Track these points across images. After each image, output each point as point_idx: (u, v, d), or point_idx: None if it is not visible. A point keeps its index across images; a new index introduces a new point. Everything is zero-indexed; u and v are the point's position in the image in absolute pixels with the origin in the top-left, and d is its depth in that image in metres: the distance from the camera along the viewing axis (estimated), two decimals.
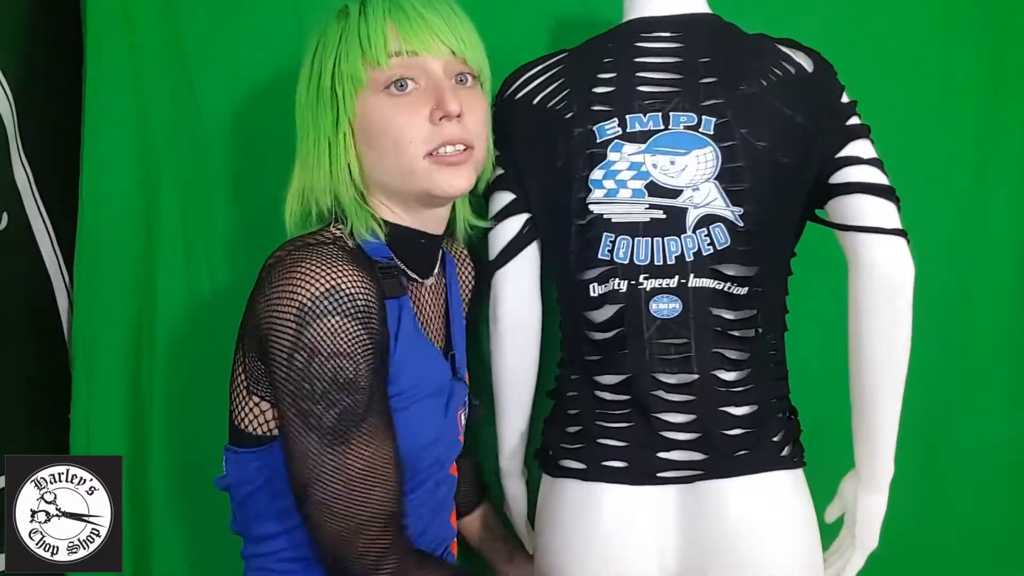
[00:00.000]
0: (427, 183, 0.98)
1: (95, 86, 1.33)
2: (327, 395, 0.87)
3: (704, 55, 1.08)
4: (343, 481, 0.88)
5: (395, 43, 0.95)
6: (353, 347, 0.88)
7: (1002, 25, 1.36)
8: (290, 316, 0.87)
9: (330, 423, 0.88)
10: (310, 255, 0.90)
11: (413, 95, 0.96)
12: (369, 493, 0.89)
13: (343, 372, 0.87)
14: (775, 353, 1.12)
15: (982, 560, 1.42)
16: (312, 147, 1.00)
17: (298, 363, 0.87)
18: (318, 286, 0.87)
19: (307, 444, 0.89)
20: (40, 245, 1.33)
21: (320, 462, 0.88)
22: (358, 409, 0.88)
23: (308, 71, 1.01)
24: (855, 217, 1.03)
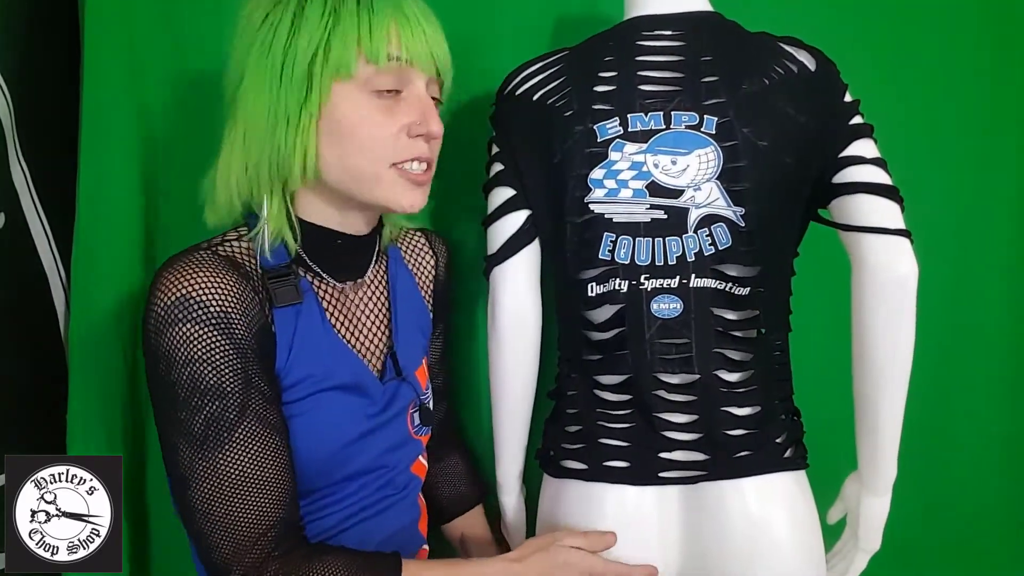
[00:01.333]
0: (388, 194, 0.98)
1: (93, 86, 1.33)
2: (189, 401, 0.87)
3: (706, 54, 1.08)
4: (216, 487, 0.87)
5: (396, 47, 0.93)
6: (210, 353, 0.87)
7: (1002, 25, 1.37)
8: (150, 326, 0.88)
9: (198, 430, 0.87)
10: (173, 264, 0.90)
11: (394, 101, 0.96)
12: (249, 499, 0.88)
13: (203, 379, 0.87)
14: (779, 354, 1.12)
15: (983, 561, 1.43)
16: (265, 119, 0.94)
17: (160, 371, 0.88)
18: (171, 295, 0.87)
19: (178, 449, 0.88)
20: (37, 245, 1.33)
21: (191, 467, 0.88)
22: (228, 414, 0.87)
23: (270, 44, 0.93)
24: (858, 217, 1.03)
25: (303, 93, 0.92)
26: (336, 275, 1.05)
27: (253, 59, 0.94)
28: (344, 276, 1.06)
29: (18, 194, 1.27)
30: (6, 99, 1.23)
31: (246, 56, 0.95)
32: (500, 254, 1.14)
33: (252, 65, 0.94)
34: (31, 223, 1.31)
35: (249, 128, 0.95)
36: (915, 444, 1.14)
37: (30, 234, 1.31)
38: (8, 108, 1.23)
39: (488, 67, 1.25)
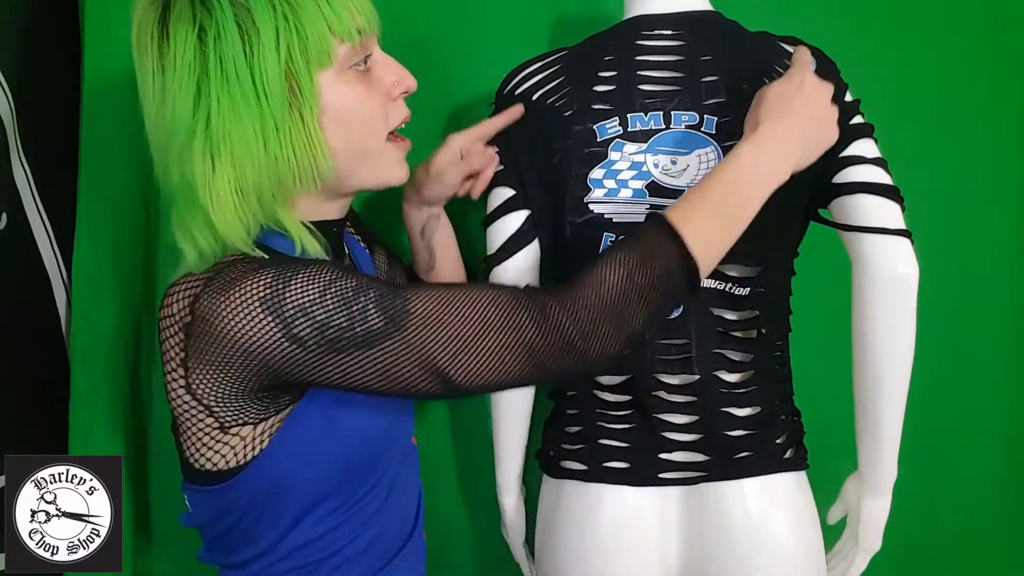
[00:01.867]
0: (387, 170, 0.96)
1: (94, 86, 1.33)
2: (352, 312, 0.81)
3: (706, 53, 1.08)
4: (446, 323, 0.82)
5: (357, 19, 0.89)
6: (331, 272, 0.83)
7: (1002, 25, 1.36)
8: (258, 315, 0.80)
9: (380, 322, 0.81)
10: (231, 276, 0.83)
11: (369, 72, 0.93)
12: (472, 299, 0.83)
13: (345, 288, 0.82)
14: (779, 354, 1.12)
15: (983, 561, 1.43)
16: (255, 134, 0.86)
17: (304, 330, 0.81)
18: (263, 277, 0.81)
19: (393, 351, 0.82)
20: (39, 245, 1.33)
21: (413, 343, 0.81)
22: (384, 290, 0.83)
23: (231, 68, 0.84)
24: (859, 217, 1.02)
25: (285, 98, 0.86)
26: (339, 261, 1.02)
27: (214, 82, 0.84)
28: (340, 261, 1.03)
29: (20, 194, 1.28)
30: (7, 99, 1.24)
31: (195, 83, 0.84)
32: (500, 254, 1.14)
33: (215, 88, 0.84)
34: (33, 223, 1.31)
35: (236, 154, 0.86)
36: (916, 444, 1.14)
37: (32, 234, 1.31)
38: (10, 108, 1.24)
39: (488, 67, 1.25)
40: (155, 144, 0.89)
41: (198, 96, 0.84)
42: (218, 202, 0.86)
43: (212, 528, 0.95)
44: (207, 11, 0.83)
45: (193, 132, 0.85)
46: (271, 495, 0.91)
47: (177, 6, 0.84)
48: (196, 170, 0.86)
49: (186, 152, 0.86)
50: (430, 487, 1.15)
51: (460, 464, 1.46)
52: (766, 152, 0.91)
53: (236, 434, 0.88)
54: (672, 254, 0.84)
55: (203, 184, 0.86)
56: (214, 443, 0.89)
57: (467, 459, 1.45)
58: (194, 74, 0.84)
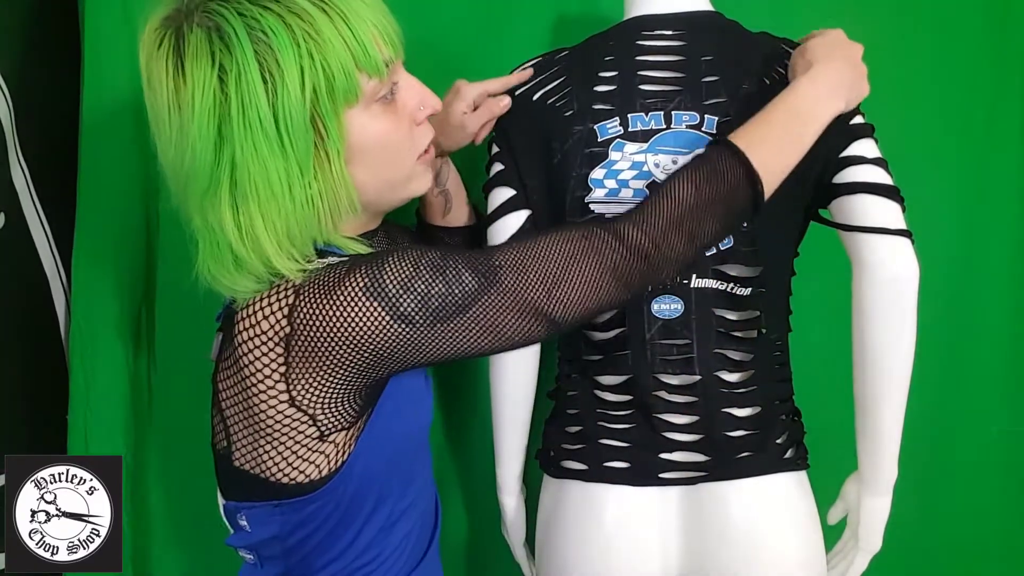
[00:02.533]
0: (413, 186, 0.96)
1: (93, 87, 1.33)
2: (448, 277, 0.82)
3: (706, 53, 1.08)
4: (541, 264, 0.84)
5: (384, 49, 0.86)
6: (415, 249, 0.83)
7: (1002, 25, 1.37)
8: (363, 302, 0.80)
9: (475, 280, 0.83)
10: (322, 278, 0.82)
11: (395, 100, 0.90)
12: (546, 241, 0.86)
13: (431, 258, 0.82)
14: (779, 354, 1.12)
15: (983, 561, 1.43)
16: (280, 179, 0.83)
17: (408, 306, 0.81)
18: (359, 272, 0.81)
19: (494, 302, 0.83)
20: (38, 246, 1.33)
21: (515, 290, 0.83)
22: (468, 254, 0.85)
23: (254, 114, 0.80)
24: (859, 217, 1.02)
25: (312, 140, 0.83)
26: None
27: (236, 128, 0.80)
28: None
29: (18, 194, 1.28)
30: (6, 99, 1.24)
31: (215, 128, 0.81)
32: None
33: (238, 135, 0.80)
34: (31, 223, 1.31)
35: (264, 204, 0.83)
36: (916, 444, 1.14)
37: (30, 234, 1.31)
38: (8, 108, 1.23)
39: (488, 67, 1.25)
40: (173, 180, 0.87)
41: (220, 142, 0.81)
42: (257, 247, 0.84)
43: (283, 543, 0.93)
44: (226, 48, 0.79)
45: (218, 180, 0.82)
46: (352, 500, 0.91)
47: (193, 40, 0.80)
48: (225, 219, 0.83)
49: (210, 200, 0.83)
50: None
51: (460, 464, 1.46)
52: (820, 87, 0.96)
53: (332, 441, 0.88)
54: (738, 172, 0.89)
55: (234, 232, 0.83)
56: (310, 453, 0.88)
57: (467, 459, 1.45)
58: (215, 118, 0.80)
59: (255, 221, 0.83)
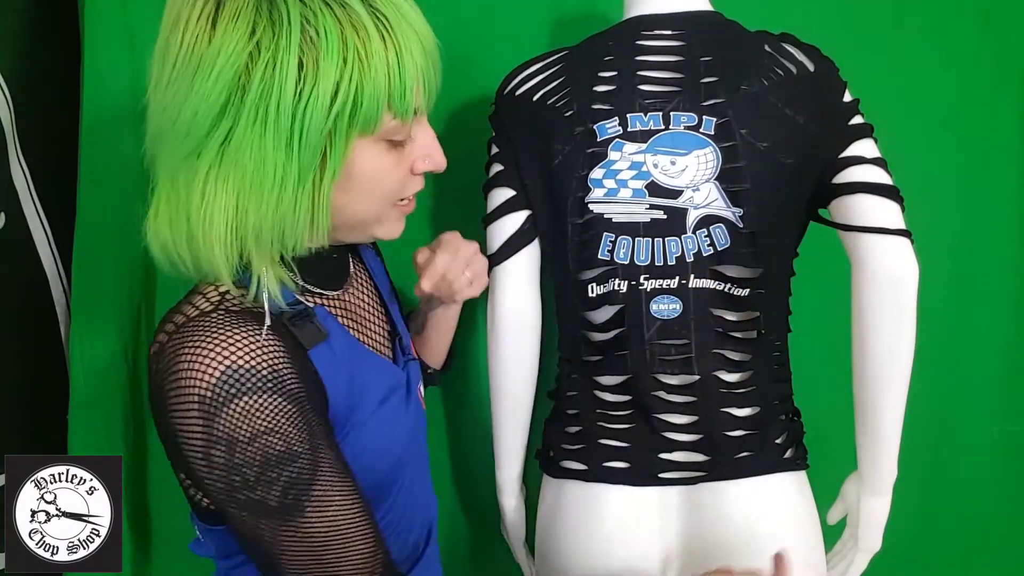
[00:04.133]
0: (381, 229, 0.92)
1: (93, 86, 1.33)
2: (262, 478, 0.77)
3: (705, 54, 1.08)
4: (309, 550, 0.80)
5: (419, 99, 0.83)
6: (274, 420, 0.76)
7: (1002, 25, 1.37)
8: (193, 413, 0.75)
9: (275, 502, 0.78)
10: (192, 335, 0.77)
11: (405, 146, 0.86)
12: (345, 548, 0.81)
13: (272, 448, 0.76)
14: (778, 355, 1.12)
15: (983, 561, 1.43)
16: (266, 186, 0.78)
17: (219, 457, 0.76)
18: (213, 371, 0.75)
19: (260, 532, 0.79)
20: (38, 246, 1.33)
21: (277, 541, 0.79)
22: (303, 476, 0.78)
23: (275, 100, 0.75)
24: (858, 217, 1.02)
25: (318, 154, 0.79)
26: (335, 285, 0.96)
27: (248, 109, 0.75)
28: (339, 282, 0.98)
29: (18, 194, 1.28)
30: (6, 99, 1.24)
31: (224, 100, 0.75)
32: (500, 254, 1.14)
33: (247, 116, 0.76)
34: (31, 223, 1.31)
35: (244, 192, 0.78)
36: (915, 444, 1.14)
37: (30, 234, 1.31)
38: (8, 108, 1.23)
39: (488, 67, 1.25)
40: (158, 127, 0.79)
41: (222, 113, 0.75)
42: (209, 229, 0.79)
43: (227, 561, 0.93)
44: (271, 25, 0.74)
45: (203, 148, 0.77)
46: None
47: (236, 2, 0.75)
48: (194, 187, 0.78)
49: (189, 163, 0.77)
50: None
51: (460, 464, 1.47)
52: None
53: None
54: None
55: (198, 204, 0.78)
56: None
57: (467, 459, 1.45)
58: (228, 90, 0.75)
59: (227, 201, 0.78)
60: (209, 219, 0.78)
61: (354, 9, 0.76)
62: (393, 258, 1.19)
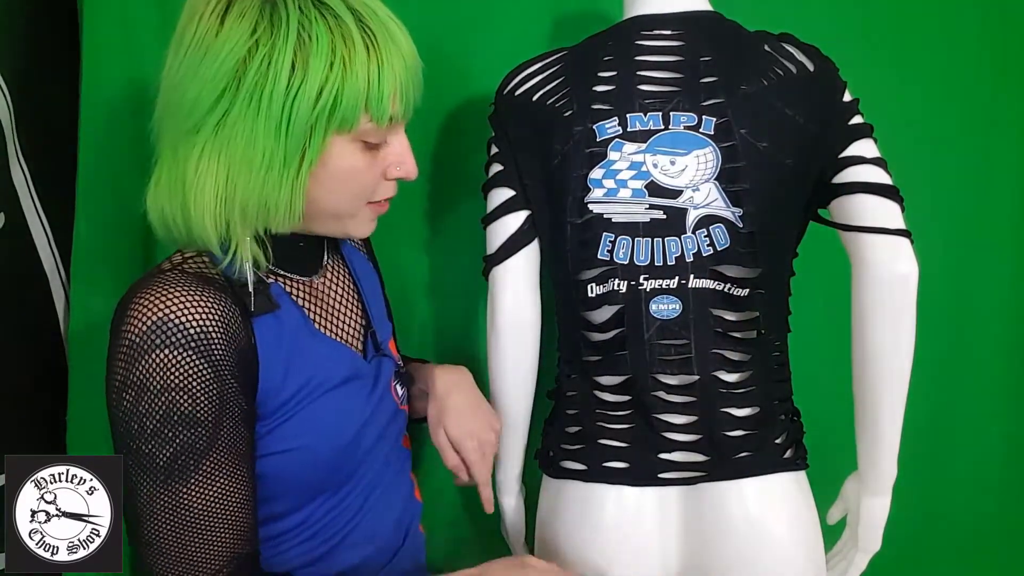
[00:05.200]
0: (353, 227, 0.97)
1: (92, 85, 1.33)
2: (159, 433, 0.81)
3: (705, 54, 1.08)
4: (176, 522, 0.83)
5: (397, 106, 0.90)
6: (187, 379, 0.82)
7: (1003, 25, 1.37)
8: (121, 355, 0.82)
9: (163, 462, 0.82)
10: (142, 290, 0.84)
11: (380, 151, 0.93)
12: (210, 534, 0.84)
13: (177, 407, 0.81)
14: (778, 355, 1.12)
15: (983, 561, 1.43)
16: (260, 161, 0.87)
17: (126, 402, 0.82)
18: (145, 320, 0.81)
19: (137, 482, 0.83)
20: (37, 245, 1.33)
21: (150, 501, 0.83)
22: (198, 444, 0.82)
23: (269, 89, 0.84)
24: (858, 217, 1.03)
25: (302, 144, 0.87)
26: (302, 271, 1.01)
27: (243, 94, 0.84)
28: (309, 269, 1.02)
29: (18, 194, 1.28)
30: (6, 99, 1.23)
31: (223, 85, 0.84)
32: (499, 254, 1.14)
33: (242, 101, 0.84)
34: (31, 223, 1.31)
35: (234, 167, 0.87)
36: (915, 444, 1.14)
37: (30, 234, 1.31)
38: (8, 108, 1.23)
39: (487, 67, 1.25)
40: (166, 103, 0.89)
41: (221, 96, 0.84)
42: (200, 197, 0.87)
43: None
44: (270, 27, 0.84)
45: (202, 124, 0.85)
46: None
47: (247, 1, 0.85)
48: (191, 158, 0.86)
49: (189, 137, 0.86)
50: (431, 488, 1.14)
51: None
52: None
53: None
54: None
55: (192, 175, 0.86)
56: None
57: None
58: (227, 76, 0.84)
59: (218, 174, 0.86)
60: (201, 188, 0.87)
61: (345, 22, 0.85)
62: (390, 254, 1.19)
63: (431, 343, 1.43)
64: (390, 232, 1.28)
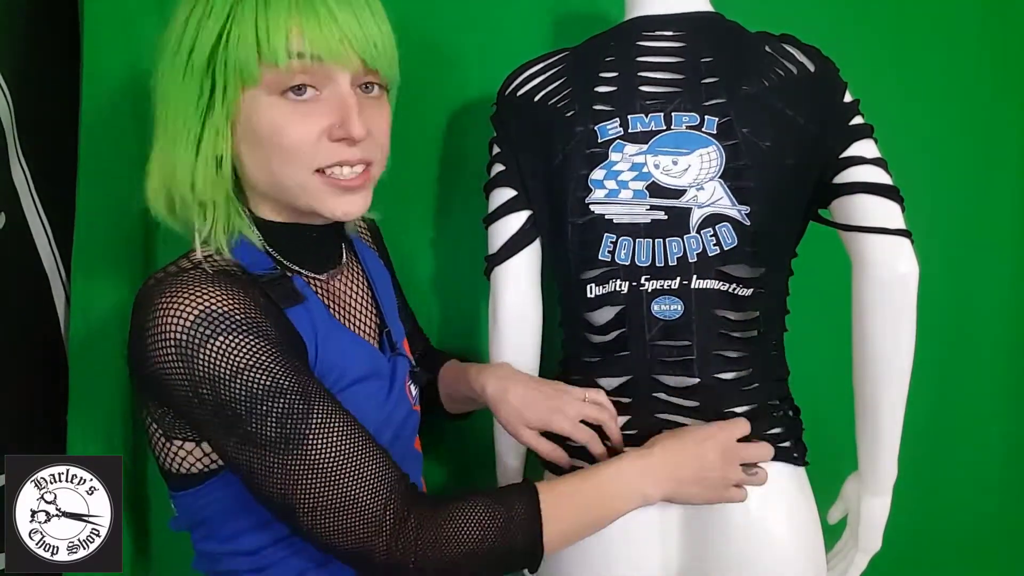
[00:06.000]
0: (316, 203, 0.92)
1: (92, 85, 1.33)
2: (254, 412, 0.81)
3: (706, 54, 1.08)
4: (318, 482, 0.82)
5: (298, 43, 0.84)
6: (253, 357, 0.81)
7: (1002, 25, 1.37)
8: (172, 355, 0.81)
9: (274, 435, 0.81)
10: (168, 287, 0.83)
11: (312, 103, 0.87)
12: (354, 478, 0.82)
13: (257, 384, 0.81)
14: (776, 353, 1.12)
15: (983, 561, 1.43)
16: (181, 126, 0.88)
17: (208, 396, 0.81)
18: (188, 315, 0.80)
19: (266, 462, 0.82)
20: (38, 245, 1.33)
21: (285, 476, 0.82)
22: (296, 408, 0.82)
23: (180, 33, 0.86)
24: (859, 217, 1.02)
25: (206, 99, 0.86)
26: (318, 268, 1.00)
27: (164, 47, 0.88)
28: (325, 267, 1.02)
29: (18, 194, 1.27)
30: (6, 99, 1.23)
31: (161, 53, 0.88)
32: (501, 254, 1.14)
33: (163, 54, 0.88)
34: (31, 223, 1.31)
35: (167, 135, 0.89)
36: (915, 444, 1.14)
37: (30, 234, 1.31)
38: (8, 108, 1.23)
39: (489, 67, 1.25)
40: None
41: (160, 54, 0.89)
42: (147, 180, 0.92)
43: (197, 531, 0.97)
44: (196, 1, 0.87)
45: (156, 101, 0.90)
46: (241, 504, 0.91)
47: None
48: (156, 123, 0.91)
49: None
50: (431, 487, 1.14)
51: (460, 464, 1.46)
52: (646, 469, 0.96)
53: (181, 447, 0.90)
54: (527, 540, 0.88)
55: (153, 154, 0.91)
56: (164, 449, 0.91)
57: (468, 459, 1.45)
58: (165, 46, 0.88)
59: (157, 147, 0.91)
60: (152, 163, 0.92)
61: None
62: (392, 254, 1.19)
63: (433, 343, 1.43)
64: (391, 232, 1.29)
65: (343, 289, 1.04)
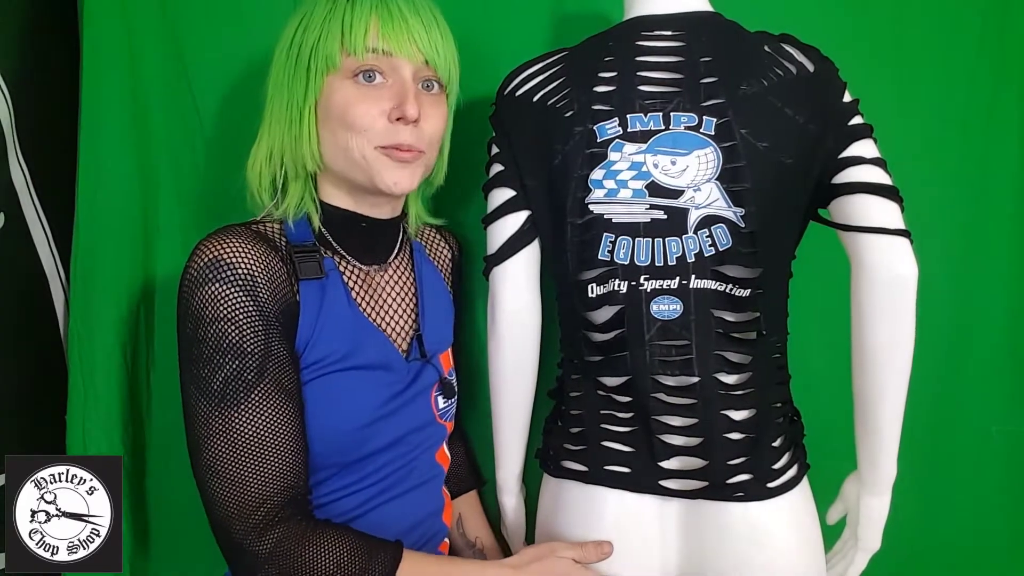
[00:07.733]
0: (373, 173, 1.02)
1: (92, 86, 1.33)
2: (212, 359, 0.91)
3: (705, 54, 1.08)
4: (228, 447, 0.90)
5: (374, 39, 1.00)
6: (234, 312, 0.92)
7: (1002, 25, 1.36)
8: (185, 287, 0.94)
9: (217, 387, 0.91)
10: (210, 235, 0.97)
11: (378, 88, 1.01)
12: (259, 462, 0.91)
13: (226, 336, 0.92)
14: (777, 356, 1.12)
15: (984, 561, 1.42)
16: (283, 110, 1.04)
17: (188, 330, 0.93)
18: (204, 258, 0.94)
19: (197, 406, 0.92)
20: (37, 245, 1.33)
21: (207, 423, 0.91)
22: (246, 374, 0.91)
23: (289, 41, 1.04)
24: (858, 217, 1.02)
25: (305, 87, 1.02)
26: (361, 258, 1.10)
27: (278, 52, 1.05)
28: (369, 259, 1.11)
29: (18, 194, 1.28)
30: (6, 99, 1.23)
31: (277, 48, 1.06)
32: (500, 254, 1.14)
33: (277, 57, 1.05)
34: (31, 223, 1.31)
35: (272, 118, 1.06)
36: (916, 444, 1.14)
37: (30, 234, 1.31)
38: (8, 108, 1.23)
39: (488, 67, 1.25)
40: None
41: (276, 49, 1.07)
42: (257, 152, 1.07)
43: None
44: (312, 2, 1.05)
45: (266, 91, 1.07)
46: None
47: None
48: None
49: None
50: None
51: None
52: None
53: None
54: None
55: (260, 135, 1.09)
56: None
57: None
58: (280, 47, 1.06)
59: (266, 128, 1.08)
60: (256, 150, 1.08)
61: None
62: None
63: None
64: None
65: (383, 284, 1.12)
